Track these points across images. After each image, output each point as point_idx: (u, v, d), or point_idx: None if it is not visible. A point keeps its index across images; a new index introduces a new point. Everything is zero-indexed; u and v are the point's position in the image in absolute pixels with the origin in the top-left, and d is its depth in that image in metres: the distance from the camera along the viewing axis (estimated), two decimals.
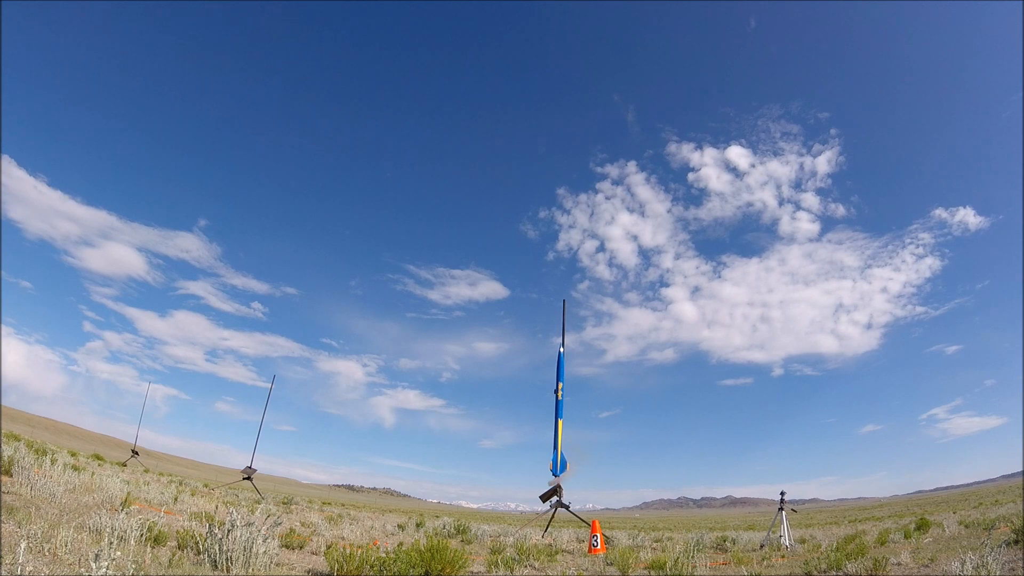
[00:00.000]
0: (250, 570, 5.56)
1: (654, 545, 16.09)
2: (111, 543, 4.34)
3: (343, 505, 46.43)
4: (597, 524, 13.53)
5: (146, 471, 31.47)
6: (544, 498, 19.10)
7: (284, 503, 25.17)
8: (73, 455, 25.40)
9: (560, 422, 20.86)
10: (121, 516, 5.82)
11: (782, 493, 15.23)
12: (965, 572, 6.33)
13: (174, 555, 5.76)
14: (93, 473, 13.92)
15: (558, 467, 20.31)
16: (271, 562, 6.03)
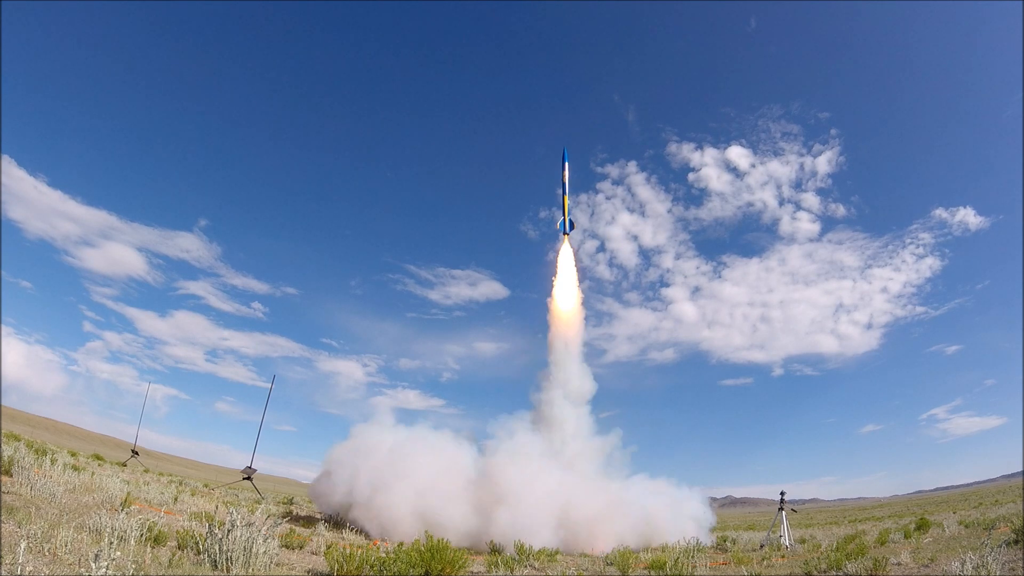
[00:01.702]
0: (250, 570, 5.56)
1: (654, 545, 16.03)
2: (111, 543, 4.34)
3: None
4: None
5: (146, 471, 31.46)
6: None
7: (284, 503, 25.17)
8: (73, 455, 25.41)
9: None
10: (121, 516, 5.81)
11: (782, 493, 15.25)
12: (965, 572, 6.33)
13: (174, 555, 5.76)
14: (93, 473, 13.92)
15: None
16: (271, 562, 6.03)
